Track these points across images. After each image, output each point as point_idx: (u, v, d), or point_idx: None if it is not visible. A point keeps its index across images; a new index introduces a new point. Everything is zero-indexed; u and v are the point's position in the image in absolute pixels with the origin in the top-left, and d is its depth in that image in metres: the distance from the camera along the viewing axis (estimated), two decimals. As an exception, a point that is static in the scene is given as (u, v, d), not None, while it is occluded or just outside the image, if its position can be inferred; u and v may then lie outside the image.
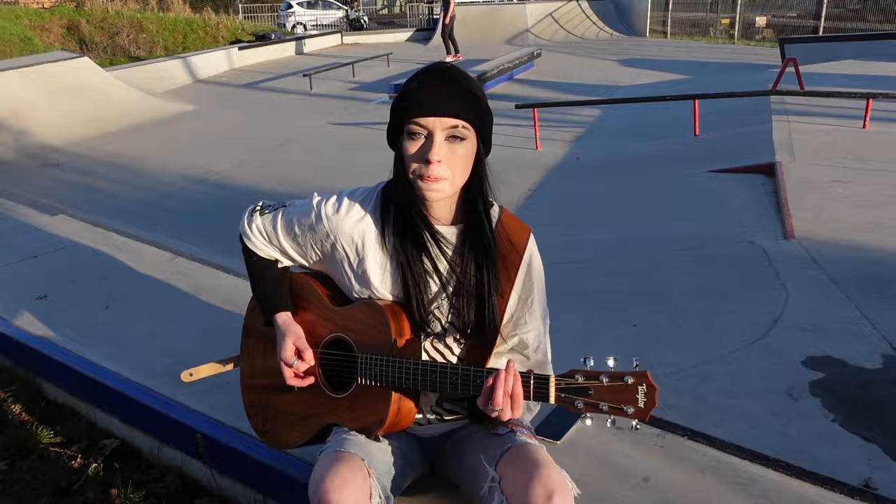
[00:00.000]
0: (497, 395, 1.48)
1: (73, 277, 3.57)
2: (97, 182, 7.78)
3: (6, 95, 10.09)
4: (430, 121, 1.53)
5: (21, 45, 14.84)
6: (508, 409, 1.49)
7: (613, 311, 4.05)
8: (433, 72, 1.58)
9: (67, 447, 2.65)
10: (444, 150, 1.55)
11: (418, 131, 1.55)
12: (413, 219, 1.64)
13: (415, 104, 1.54)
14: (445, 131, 1.54)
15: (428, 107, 1.53)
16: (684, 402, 2.97)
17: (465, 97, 1.55)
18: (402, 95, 1.58)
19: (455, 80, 1.56)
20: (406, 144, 1.57)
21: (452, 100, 1.54)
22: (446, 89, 1.54)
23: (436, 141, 1.54)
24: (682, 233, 5.18)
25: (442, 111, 1.53)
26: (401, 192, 1.63)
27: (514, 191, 6.90)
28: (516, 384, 1.49)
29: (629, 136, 9.01)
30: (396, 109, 1.59)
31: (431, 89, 1.54)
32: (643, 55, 17.02)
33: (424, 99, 1.53)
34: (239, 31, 21.08)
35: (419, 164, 1.56)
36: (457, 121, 1.54)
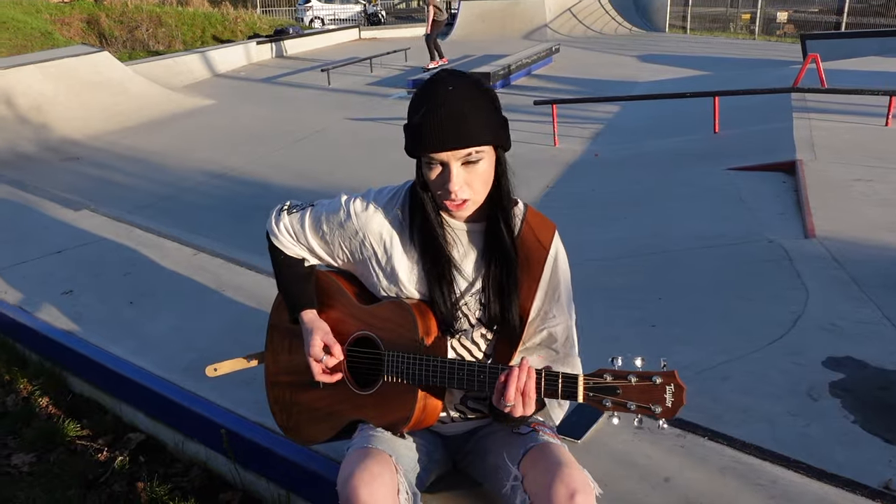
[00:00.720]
0: (509, 391, 1.50)
1: (97, 272, 3.62)
2: (116, 176, 7.85)
3: (27, 90, 10.19)
4: (442, 155, 1.54)
5: (42, 40, 14.95)
6: (520, 406, 1.52)
7: (632, 309, 4.05)
8: (435, 101, 1.53)
9: (94, 440, 2.69)
10: (462, 176, 1.56)
11: (433, 163, 1.56)
12: (438, 218, 1.67)
13: (424, 140, 1.54)
14: (460, 160, 1.55)
15: (436, 143, 1.53)
16: (704, 402, 2.97)
17: (472, 122, 1.53)
18: (410, 127, 1.57)
19: (457, 107, 1.52)
20: (425, 171, 1.59)
21: (459, 131, 1.52)
22: (449, 121, 1.51)
23: (453, 171, 1.55)
24: (702, 231, 5.16)
25: (452, 145, 1.52)
26: (422, 199, 1.65)
27: (532, 188, 6.90)
28: (528, 381, 1.51)
29: (648, 133, 8.97)
30: (408, 136, 1.59)
31: (434, 123, 1.52)
32: (662, 51, 16.92)
33: (432, 135, 1.52)
34: (257, 25, 21.15)
35: (441, 190, 1.58)
36: (469, 149, 1.54)
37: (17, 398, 2.97)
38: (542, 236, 1.73)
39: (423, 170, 1.59)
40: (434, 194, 1.62)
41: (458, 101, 1.53)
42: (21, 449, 2.67)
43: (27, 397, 2.98)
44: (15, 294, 3.41)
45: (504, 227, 1.66)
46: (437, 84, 1.56)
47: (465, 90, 1.56)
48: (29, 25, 15.42)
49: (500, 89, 12.08)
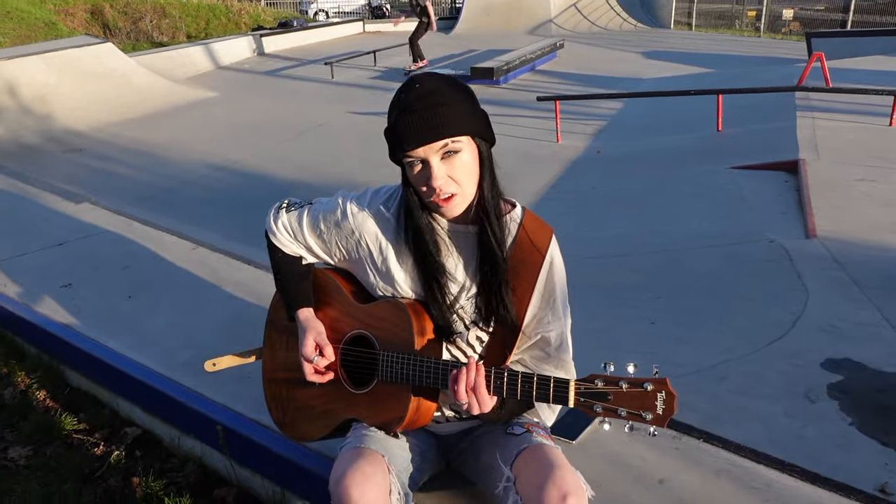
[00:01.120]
0: (459, 389, 1.53)
1: (97, 266, 3.62)
2: (119, 168, 7.85)
3: (31, 80, 10.18)
4: (419, 151, 1.54)
5: (46, 30, 14.96)
6: (475, 403, 1.54)
7: (631, 308, 4.05)
8: (406, 100, 1.55)
9: (90, 434, 2.70)
10: (443, 169, 1.56)
11: (413, 161, 1.56)
12: (431, 221, 1.66)
13: (400, 140, 1.54)
14: (438, 153, 1.55)
15: (411, 139, 1.53)
16: (701, 402, 2.97)
17: (445, 113, 1.53)
18: (387, 132, 1.58)
19: (429, 101, 1.53)
20: (409, 173, 1.60)
21: (431, 124, 1.52)
22: (422, 115, 1.52)
23: (433, 165, 1.55)
24: (703, 230, 5.15)
25: (426, 139, 1.53)
26: (411, 201, 1.65)
27: (535, 183, 6.89)
28: (478, 378, 1.53)
29: (651, 131, 8.95)
30: (388, 141, 1.59)
31: (408, 120, 1.53)
32: (667, 47, 16.86)
33: (406, 132, 1.53)
34: (261, 17, 21.12)
35: (426, 188, 1.58)
36: (444, 140, 1.54)
37: (14, 391, 2.98)
38: (539, 241, 1.72)
39: (407, 172, 1.60)
40: (421, 195, 1.61)
41: (430, 96, 1.54)
42: (18, 442, 2.67)
43: (25, 390, 2.99)
44: (14, 286, 3.41)
45: (491, 227, 1.65)
46: (408, 85, 1.58)
47: (435, 86, 1.56)
48: (33, 16, 15.42)
49: (504, 84, 12.06)
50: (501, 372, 1.56)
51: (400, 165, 1.62)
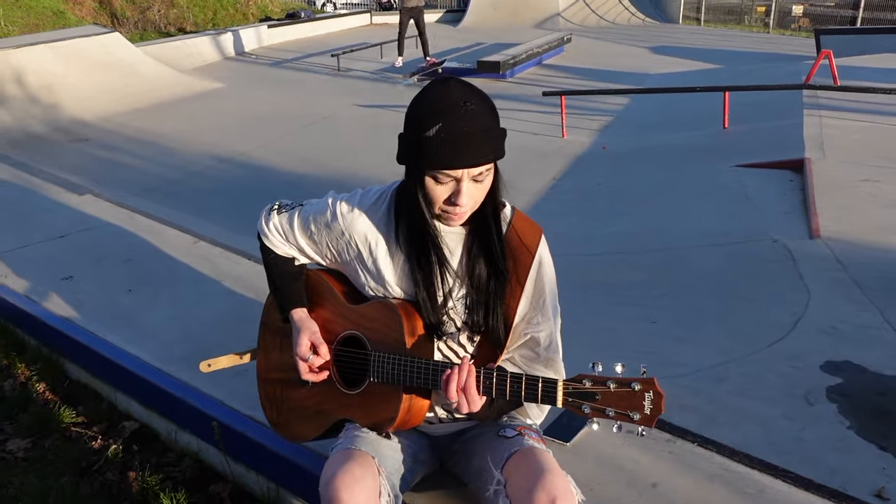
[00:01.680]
0: (450, 388, 1.53)
1: (98, 259, 3.63)
2: (125, 158, 7.86)
3: (38, 69, 10.19)
4: (457, 172, 1.52)
5: (54, 19, 14.97)
6: (464, 403, 1.55)
7: (632, 306, 4.04)
8: (454, 117, 1.48)
9: (89, 427, 2.71)
10: (470, 190, 1.55)
11: (444, 180, 1.53)
12: (424, 222, 1.65)
13: (438, 155, 1.49)
14: (473, 176, 1.53)
15: (456, 160, 1.49)
16: (699, 402, 2.96)
17: (490, 139, 1.52)
18: (420, 141, 1.50)
19: (479, 124, 1.49)
20: (429, 185, 1.55)
21: (478, 148, 1.50)
22: (473, 137, 1.48)
23: (463, 188, 1.53)
24: (706, 228, 5.14)
25: (470, 163, 1.50)
26: (417, 209, 1.63)
27: (539, 179, 6.87)
28: (469, 378, 1.54)
29: (657, 127, 8.92)
30: (415, 149, 1.52)
31: (457, 139, 1.47)
32: (675, 42, 16.79)
33: (451, 151, 1.48)
34: (268, 8, 21.09)
35: (444, 204, 1.57)
36: (484, 166, 1.53)
37: (14, 383, 2.99)
38: (528, 240, 1.72)
39: (427, 184, 1.55)
40: (430, 206, 1.59)
41: (480, 119, 1.50)
42: (17, 434, 2.69)
43: (25, 382, 3.00)
44: (15, 278, 3.43)
45: (493, 232, 1.65)
46: (451, 96, 1.51)
47: (482, 107, 1.52)
48: (41, 4, 15.42)
49: (510, 78, 12.02)
50: (491, 372, 1.56)
51: (413, 171, 1.58)
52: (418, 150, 1.51)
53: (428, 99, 1.53)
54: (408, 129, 1.56)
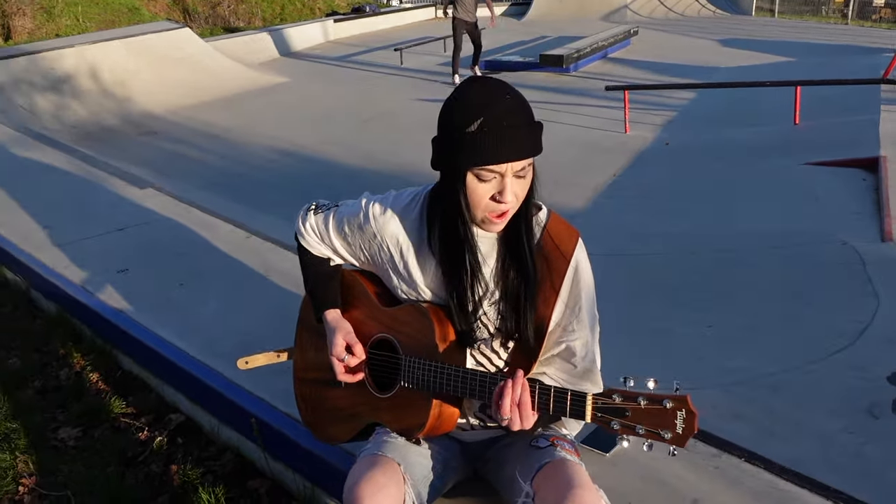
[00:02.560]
0: (504, 404, 1.47)
1: (153, 252, 3.71)
2: (190, 151, 8.05)
3: (112, 65, 10.53)
4: (502, 167, 1.47)
5: (129, 15, 15.43)
6: (517, 419, 1.48)
7: (689, 309, 3.93)
8: (497, 110, 1.46)
9: (137, 419, 2.77)
10: (514, 186, 1.51)
11: (488, 177, 1.49)
12: (457, 226, 1.62)
13: (483, 151, 1.46)
14: (516, 172, 1.50)
15: (500, 155, 1.46)
16: (754, 412, 2.86)
17: (532, 134, 1.49)
18: (463, 140, 1.47)
19: (522, 117, 1.48)
20: (472, 186, 1.51)
21: (521, 142, 1.47)
22: (517, 132, 1.46)
23: (507, 182, 1.49)
24: (770, 229, 4.96)
25: (515, 157, 1.47)
26: (445, 203, 1.60)
27: (599, 175, 6.76)
28: (524, 393, 1.47)
29: (723, 122, 8.67)
30: (457, 146, 1.49)
31: (501, 134, 1.45)
32: (746, 35, 16.27)
33: (496, 146, 1.45)
34: (335, 2, 21.30)
35: (486, 204, 1.52)
36: (526, 161, 1.49)
37: (70, 372, 3.08)
38: (564, 245, 1.66)
39: (469, 184, 1.51)
40: (474, 209, 1.54)
41: (521, 112, 1.48)
42: (69, 423, 2.76)
43: (79, 372, 3.08)
44: (75, 270, 3.53)
45: (525, 236, 1.60)
46: (491, 92, 1.49)
47: (518, 99, 1.50)
48: (118, 1, 15.92)
49: (573, 72, 11.84)
50: (533, 385, 1.51)
51: (453, 173, 1.53)
52: (459, 148, 1.48)
53: (466, 96, 1.50)
54: (445, 129, 1.52)
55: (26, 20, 13.30)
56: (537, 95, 10.28)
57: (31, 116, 8.88)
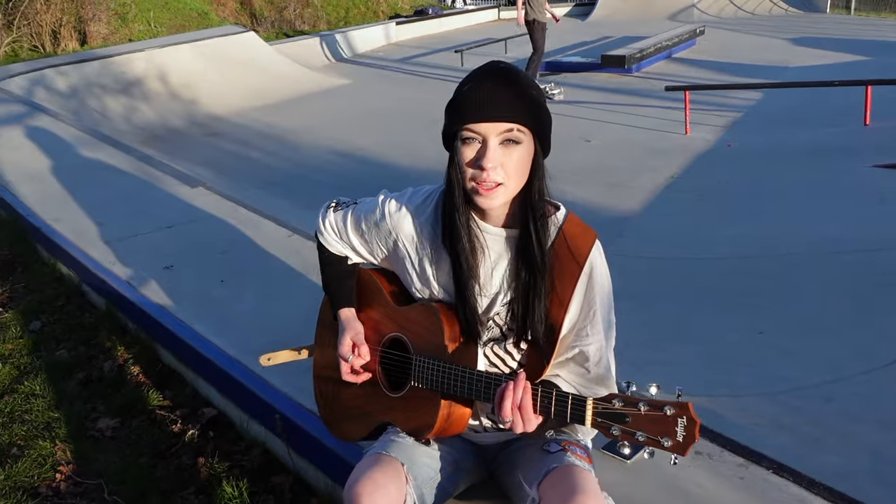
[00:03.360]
0: (504, 406, 1.43)
1: (198, 249, 3.78)
2: (251, 152, 8.20)
3: (180, 67, 10.83)
4: (483, 126, 1.46)
5: (198, 20, 15.87)
6: (519, 422, 1.44)
7: (741, 314, 3.81)
8: (485, 73, 1.51)
9: (172, 412, 2.82)
10: (498, 154, 1.48)
11: (472, 136, 1.48)
12: (469, 221, 1.59)
13: (467, 109, 1.47)
14: (500, 136, 1.47)
15: (480, 112, 1.45)
16: (800, 422, 2.74)
17: (520, 99, 1.47)
18: (454, 99, 1.52)
19: (509, 81, 1.48)
20: (461, 150, 1.51)
21: (506, 103, 1.46)
22: (499, 92, 1.46)
23: (490, 146, 1.47)
24: (834, 233, 4.77)
25: (495, 116, 1.45)
26: (451, 196, 1.58)
27: (655, 177, 6.62)
28: (525, 396, 1.43)
29: (790, 124, 8.38)
30: (449, 113, 1.53)
31: (483, 93, 1.46)
32: (819, 33, 15.71)
33: (477, 104, 1.46)
34: (398, 5, 21.47)
35: (474, 170, 1.50)
36: (511, 124, 1.46)
37: (113, 364, 3.16)
38: (579, 247, 1.61)
39: (460, 148, 1.51)
40: (465, 183, 1.53)
41: (509, 76, 1.50)
42: (108, 414, 2.83)
43: (122, 364, 3.16)
44: (122, 266, 3.62)
45: (534, 233, 1.56)
46: (485, 65, 1.54)
47: (518, 72, 1.52)
48: (188, 6, 16.39)
49: (635, 73, 11.64)
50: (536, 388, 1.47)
51: (452, 147, 1.54)
52: (448, 114, 1.52)
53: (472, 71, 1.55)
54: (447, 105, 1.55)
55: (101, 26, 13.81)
56: (597, 96, 10.15)
57: (103, 119, 9.20)
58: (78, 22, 13.47)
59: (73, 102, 9.28)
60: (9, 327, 3.54)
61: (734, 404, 2.83)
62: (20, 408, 2.89)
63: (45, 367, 3.16)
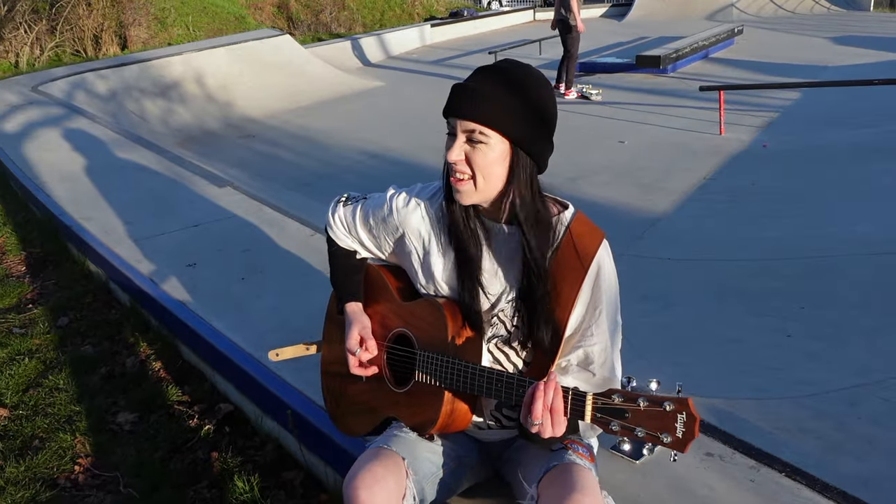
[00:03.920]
0: (535, 408, 1.40)
1: (221, 248, 3.82)
2: (284, 153, 8.28)
3: (217, 70, 10.97)
4: (453, 120, 1.50)
5: (235, 24, 16.04)
6: (549, 425, 1.40)
7: (769, 317, 3.74)
8: (484, 69, 1.54)
9: (190, 407, 2.86)
10: (463, 149, 1.51)
11: (449, 129, 1.53)
12: (469, 218, 1.59)
13: (448, 101, 1.52)
14: (464, 133, 1.50)
15: (451, 105, 1.51)
16: (824, 427, 2.67)
17: (496, 102, 1.47)
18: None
19: (497, 82, 1.49)
20: (446, 141, 1.55)
21: (475, 102, 1.47)
22: (477, 91, 1.48)
23: (456, 140, 1.51)
24: (868, 235, 4.65)
25: (459, 113, 1.49)
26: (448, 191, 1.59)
27: (688, 178, 6.52)
28: (556, 398, 1.39)
29: (828, 124, 8.20)
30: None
31: (464, 88, 1.50)
32: (861, 32, 15.35)
33: (452, 98, 1.51)
34: (434, 7, 21.51)
35: (450, 162, 1.53)
36: (474, 125, 1.48)
37: (135, 360, 3.21)
38: (586, 246, 1.58)
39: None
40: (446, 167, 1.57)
41: (498, 76, 1.51)
42: (127, 408, 2.88)
43: (144, 360, 3.21)
44: (147, 263, 3.68)
45: (528, 234, 1.55)
46: (495, 62, 1.57)
47: (510, 73, 1.52)
48: (225, 10, 16.59)
49: (671, 73, 11.50)
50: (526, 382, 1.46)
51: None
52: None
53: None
54: None
55: (141, 30, 14.04)
56: (632, 97, 10.05)
57: (141, 121, 9.36)
58: (119, 27, 13.71)
59: (112, 105, 9.45)
60: (37, 323, 3.62)
61: (756, 407, 2.77)
62: (44, 401, 2.95)
63: (70, 361, 3.23)
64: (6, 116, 7.39)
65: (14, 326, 3.61)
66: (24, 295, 4.03)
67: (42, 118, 7.32)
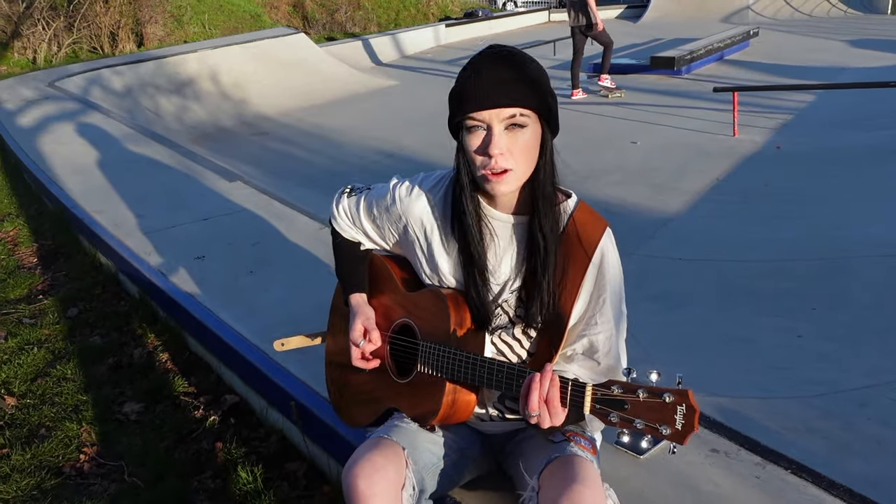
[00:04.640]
0: (531, 399, 1.39)
1: (230, 241, 3.84)
2: (297, 151, 8.30)
3: (231, 68, 11.02)
4: (485, 114, 1.45)
5: (251, 22, 16.14)
6: (546, 416, 1.40)
7: (779, 317, 3.71)
8: (484, 58, 1.50)
9: (196, 398, 2.87)
10: (504, 140, 1.46)
11: (476, 125, 1.47)
12: (478, 208, 1.58)
13: (469, 98, 1.46)
14: (504, 122, 1.45)
15: (483, 100, 1.44)
16: (832, 427, 2.65)
17: (520, 82, 1.45)
18: (456, 88, 1.51)
19: (507, 64, 1.46)
20: (467, 138, 1.50)
21: (507, 88, 1.44)
22: (499, 77, 1.45)
23: (495, 133, 1.45)
24: (881, 237, 4.61)
25: (497, 102, 1.44)
26: (460, 183, 1.58)
27: (700, 179, 6.48)
28: (553, 389, 1.39)
29: (843, 126, 8.12)
30: (453, 102, 1.52)
31: (484, 79, 1.45)
32: (880, 34, 15.20)
33: (478, 91, 1.45)
34: (449, 7, 21.51)
35: (482, 157, 1.48)
36: (514, 109, 1.45)
37: (143, 351, 3.23)
38: (589, 235, 1.58)
39: (465, 140, 1.50)
40: (474, 170, 1.52)
41: (510, 60, 1.48)
42: (134, 398, 2.89)
43: (151, 351, 3.23)
44: (157, 255, 3.70)
45: (543, 217, 1.54)
46: (483, 52, 1.52)
47: (515, 52, 1.51)
48: (241, 9, 16.68)
49: (685, 75, 11.44)
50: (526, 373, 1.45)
51: (457, 135, 1.55)
52: (452, 104, 1.51)
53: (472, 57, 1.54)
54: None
55: (158, 28, 14.14)
56: (645, 98, 10.00)
57: (156, 118, 9.42)
58: (135, 24, 13.81)
59: (128, 101, 9.51)
60: (47, 313, 3.65)
61: (763, 406, 2.75)
62: (51, 390, 2.97)
63: (78, 352, 3.25)
64: (22, 111, 7.46)
65: (24, 316, 3.64)
66: (35, 286, 4.06)
67: (57, 113, 7.37)
